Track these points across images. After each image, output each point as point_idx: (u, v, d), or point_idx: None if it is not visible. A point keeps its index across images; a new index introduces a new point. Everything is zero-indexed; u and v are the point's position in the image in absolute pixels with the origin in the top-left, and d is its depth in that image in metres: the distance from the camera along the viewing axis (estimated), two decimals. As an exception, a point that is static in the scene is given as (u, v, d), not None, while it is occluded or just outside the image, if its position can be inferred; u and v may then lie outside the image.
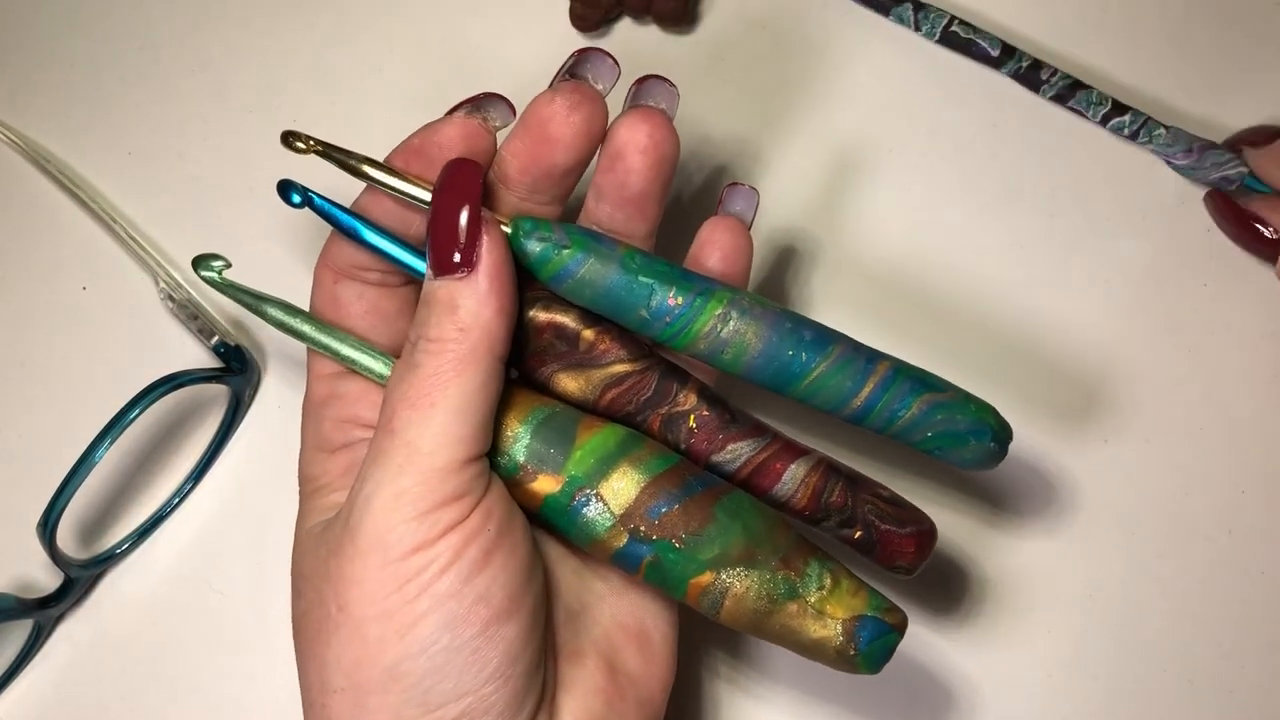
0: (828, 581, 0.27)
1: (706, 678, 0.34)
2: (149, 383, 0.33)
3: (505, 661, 0.25)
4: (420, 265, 0.28)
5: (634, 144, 0.28)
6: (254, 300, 0.29)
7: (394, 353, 0.29)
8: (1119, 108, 0.38)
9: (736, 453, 0.28)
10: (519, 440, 0.27)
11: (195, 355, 0.37)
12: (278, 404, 0.37)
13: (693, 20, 0.40)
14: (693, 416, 0.28)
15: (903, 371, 0.28)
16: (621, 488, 0.27)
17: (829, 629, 0.27)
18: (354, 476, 0.27)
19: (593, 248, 0.27)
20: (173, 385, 0.33)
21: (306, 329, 0.29)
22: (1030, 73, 0.38)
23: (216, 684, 0.35)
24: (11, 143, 0.40)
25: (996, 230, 0.37)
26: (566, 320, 0.28)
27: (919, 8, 0.39)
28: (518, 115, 0.28)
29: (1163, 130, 0.37)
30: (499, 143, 0.29)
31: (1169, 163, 0.38)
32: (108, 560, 0.35)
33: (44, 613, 0.34)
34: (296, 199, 0.28)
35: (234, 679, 0.35)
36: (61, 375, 0.38)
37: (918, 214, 0.38)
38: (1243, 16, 0.39)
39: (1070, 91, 0.38)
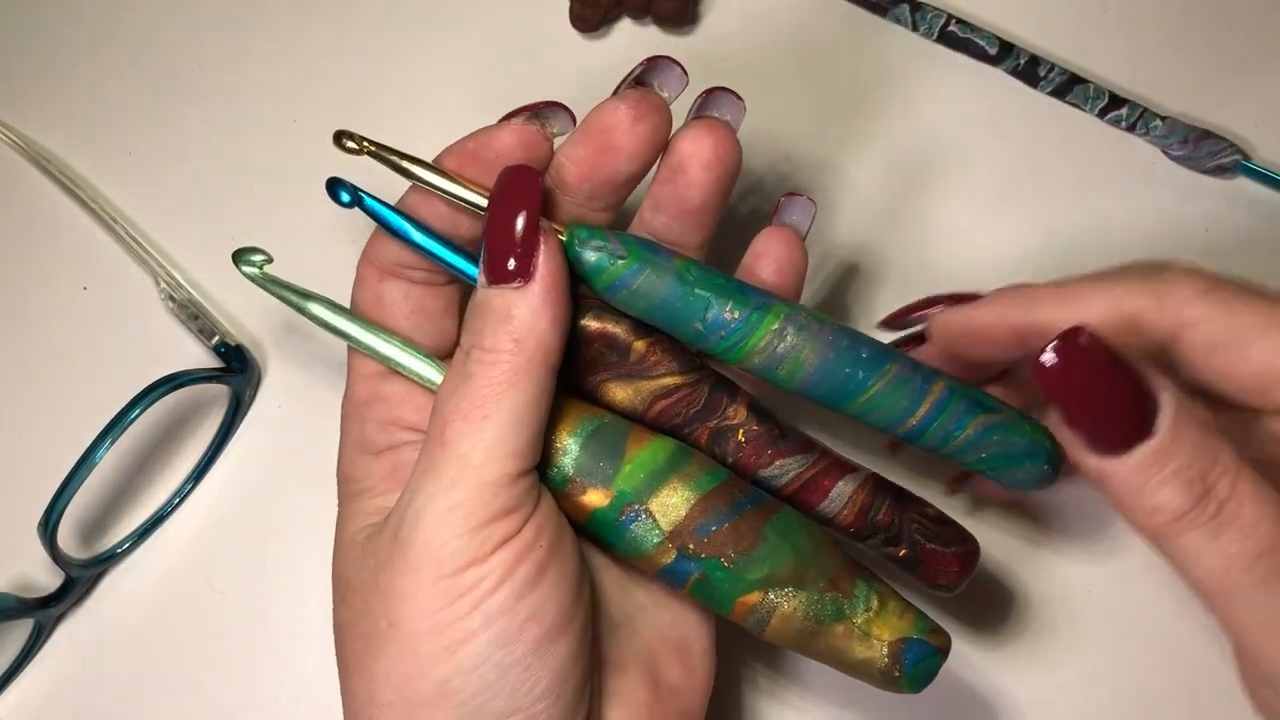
0: (874, 604, 0.27)
1: (746, 690, 0.34)
2: (149, 383, 0.33)
3: (557, 679, 0.25)
4: (471, 269, 0.27)
5: (698, 158, 0.28)
6: (297, 297, 0.28)
7: (438, 354, 0.29)
8: (1116, 101, 0.38)
9: (784, 468, 0.28)
10: (568, 453, 0.27)
11: (195, 355, 0.37)
12: (278, 404, 0.37)
13: (693, 21, 0.40)
14: (742, 431, 0.28)
15: (958, 392, 0.28)
16: (671, 504, 0.27)
17: (874, 650, 0.27)
18: (398, 480, 0.27)
19: (649, 259, 0.27)
20: (173, 385, 0.33)
21: (351, 329, 0.28)
22: (1029, 69, 0.38)
23: (217, 684, 0.35)
24: (11, 143, 0.40)
25: (1003, 233, 0.37)
26: (618, 330, 0.28)
27: (916, 8, 0.39)
28: (578, 124, 0.28)
29: (1159, 121, 0.37)
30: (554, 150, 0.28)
31: (1166, 153, 0.38)
32: (108, 560, 0.35)
33: (44, 612, 0.34)
34: (346, 198, 0.27)
35: (234, 679, 0.35)
36: (61, 375, 0.38)
37: (926, 212, 0.38)
38: (1242, 18, 0.39)
39: (1068, 86, 0.38)
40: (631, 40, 0.40)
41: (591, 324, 0.28)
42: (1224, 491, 0.24)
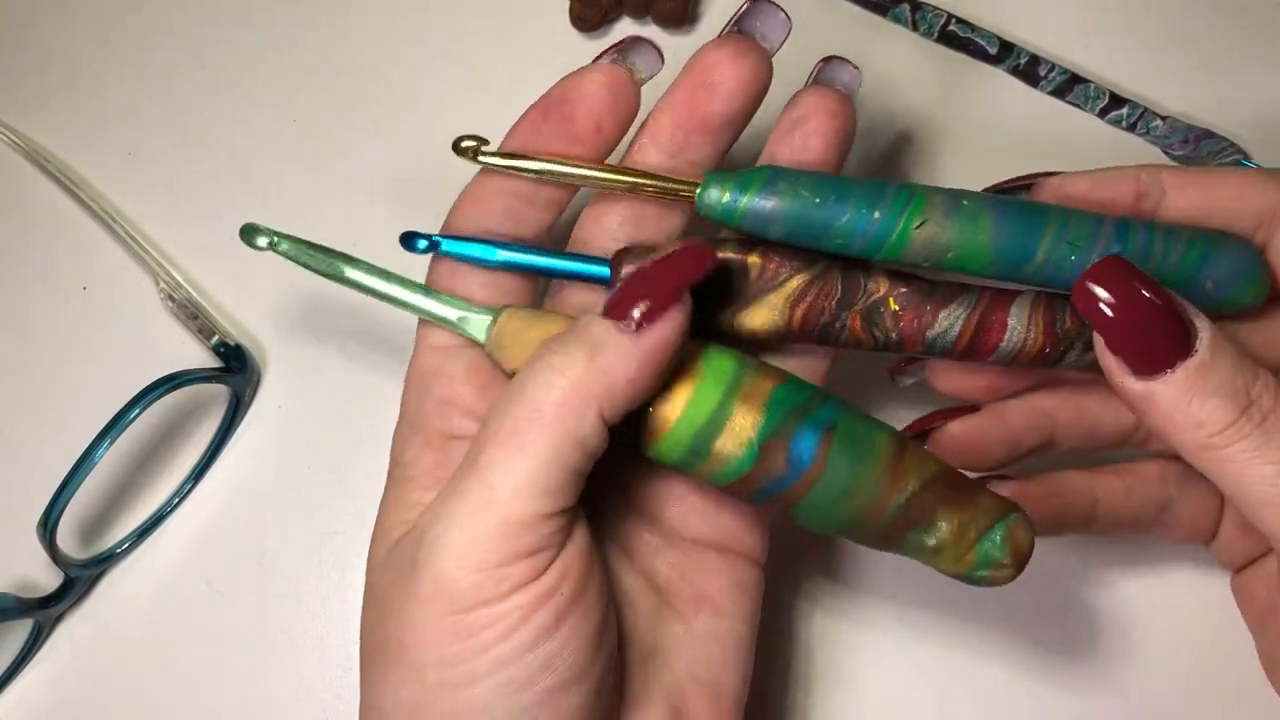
0: (927, 550, 0.26)
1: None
2: (149, 383, 0.33)
3: None
4: (592, 270, 0.27)
5: (824, 108, 0.27)
6: (327, 261, 0.27)
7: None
8: (1116, 100, 0.38)
9: (952, 318, 0.27)
10: None
11: (195, 355, 0.37)
12: (278, 404, 0.37)
13: (693, 21, 0.40)
14: (891, 299, 0.27)
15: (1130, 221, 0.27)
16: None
17: (945, 567, 0.26)
18: (442, 478, 0.26)
19: (774, 184, 0.26)
20: (173, 385, 0.33)
21: (394, 290, 0.27)
22: (1029, 68, 0.38)
23: (217, 684, 0.35)
24: (11, 143, 0.40)
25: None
26: (728, 254, 0.27)
27: (916, 7, 0.39)
28: (663, 66, 0.27)
29: (1159, 121, 0.37)
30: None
31: (1167, 153, 0.38)
32: (108, 560, 0.35)
33: (44, 612, 0.34)
34: (422, 245, 0.27)
35: (234, 679, 0.35)
36: (61, 375, 0.38)
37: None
38: (1242, 19, 0.39)
39: (1069, 86, 0.38)
40: (631, 40, 0.40)
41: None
42: (1268, 404, 0.24)
